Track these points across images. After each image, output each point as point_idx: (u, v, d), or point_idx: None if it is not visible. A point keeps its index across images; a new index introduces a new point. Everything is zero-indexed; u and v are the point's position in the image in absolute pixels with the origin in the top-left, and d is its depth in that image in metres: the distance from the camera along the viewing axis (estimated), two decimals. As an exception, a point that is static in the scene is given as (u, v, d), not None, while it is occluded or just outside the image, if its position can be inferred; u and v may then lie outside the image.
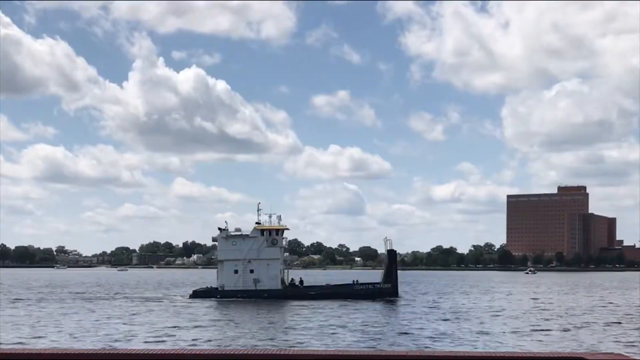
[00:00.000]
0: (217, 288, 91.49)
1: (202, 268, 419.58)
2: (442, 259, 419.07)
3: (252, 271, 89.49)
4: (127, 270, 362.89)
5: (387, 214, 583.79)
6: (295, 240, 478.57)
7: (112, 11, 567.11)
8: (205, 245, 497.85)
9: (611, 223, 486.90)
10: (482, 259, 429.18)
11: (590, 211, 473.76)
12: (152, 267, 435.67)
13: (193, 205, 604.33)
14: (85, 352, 10.47)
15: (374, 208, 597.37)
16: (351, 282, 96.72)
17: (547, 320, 61.15)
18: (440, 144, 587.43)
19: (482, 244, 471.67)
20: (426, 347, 39.60)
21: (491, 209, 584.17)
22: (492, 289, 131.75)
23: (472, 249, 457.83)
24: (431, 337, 46.58)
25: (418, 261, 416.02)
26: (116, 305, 79.69)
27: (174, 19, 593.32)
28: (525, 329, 52.63)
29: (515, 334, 49.31)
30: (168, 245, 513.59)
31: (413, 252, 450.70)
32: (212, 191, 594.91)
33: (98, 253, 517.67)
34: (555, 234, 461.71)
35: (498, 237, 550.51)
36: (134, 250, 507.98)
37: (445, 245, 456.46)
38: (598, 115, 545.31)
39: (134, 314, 66.94)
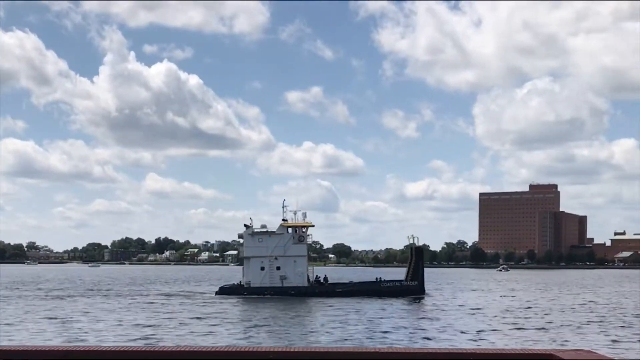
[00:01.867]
0: (242, 285, 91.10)
1: (175, 264, 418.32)
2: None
3: (278, 268, 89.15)
4: (99, 266, 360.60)
5: (360, 211, 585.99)
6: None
7: (82, 4, 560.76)
8: (178, 241, 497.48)
9: (582, 221, 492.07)
10: (454, 256, 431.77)
11: (561, 209, 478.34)
12: (124, 264, 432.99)
13: (165, 201, 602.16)
14: (102, 349, 10.73)
15: (347, 205, 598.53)
16: (375, 280, 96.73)
17: (528, 317, 61.74)
18: (413, 141, 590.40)
19: (454, 242, 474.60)
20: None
21: (463, 206, 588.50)
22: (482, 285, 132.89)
23: (445, 246, 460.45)
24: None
25: (392, 258, 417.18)
26: (148, 302, 79.32)
27: (146, 13, 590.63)
28: (506, 326, 53.08)
29: (496, 332, 49.69)
30: (140, 241, 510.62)
31: (387, 249, 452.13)
32: (184, 187, 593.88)
33: (69, 249, 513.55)
34: (527, 231, 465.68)
35: (470, 235, 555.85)
36: (106, 246, 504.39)
37: (418, 243, 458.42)
38: (569, 114, 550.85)
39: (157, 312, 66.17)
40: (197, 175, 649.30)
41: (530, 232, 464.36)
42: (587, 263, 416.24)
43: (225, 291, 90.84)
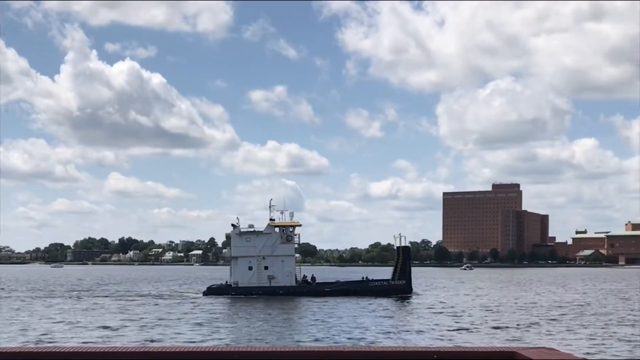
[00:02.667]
0: (230, 284, 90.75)
1: (139, 265, 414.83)
2: (380, 255, 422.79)
3: (266, 268, 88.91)
4: (62, 267, 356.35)
5: (325, 210, 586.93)
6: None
7: (43, 3, 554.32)
8: (141, 241, 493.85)
9: (544, 220, 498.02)
10: (418, 255, 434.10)
11: (523, 208, 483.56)
12: (88, 264, 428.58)
13: (128, 200, 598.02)
14: (83, 350, 10.70)
15: (312, 204, 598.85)
16: (361, 279, 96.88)
17: (497, 315, 62.42)
18: (377, 141, 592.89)
19: (418, 241, 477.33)
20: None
21: (427, 205, 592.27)
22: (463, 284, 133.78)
23: (409, 245, 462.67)
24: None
25: (357, 257, 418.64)
26: (144, 303, 78.54)
27: (107, 11, 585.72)
28: (477, 325, 53.58)
29: (466, 330, 50.15)
30: (103, 241, 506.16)
31: (351, 248, 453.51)
32: (147, 186, 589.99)
33: (31, 249, 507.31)
34: (490, 230, 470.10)
35: (434, 234, 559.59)
36: (69, 247, 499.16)
37: (383, 242, 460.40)
38: (531, 113, 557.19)
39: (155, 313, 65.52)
40: (161, 174, 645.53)
41: (493, 231, 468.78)
42: (549, 262, 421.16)
43: (213, 291, 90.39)
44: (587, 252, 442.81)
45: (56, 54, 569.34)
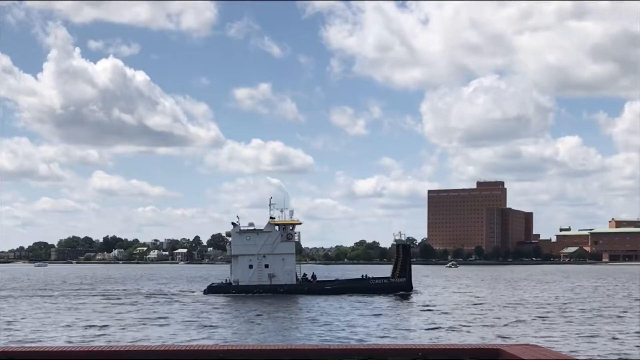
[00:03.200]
0: (231, 283, 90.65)
1: (124, 263, 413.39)
2: (365, 253, 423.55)
3: (267, 266, 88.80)
4: (46, 265, 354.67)
5: (310, 208, 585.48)
6: (219, 234, 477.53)
7: (25, 0, 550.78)
8: (126, 239, 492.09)
9: (528, 217, 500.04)
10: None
11: (508, 206, 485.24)
12: (72, 263, 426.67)
13: (113, 198, 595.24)
14: (82, 349, 10.69)
15: (297, 202, 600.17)
16: (361, 277, 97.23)
17: (485, 313, 62.55)
18: (362, 138, 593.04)
19: (404, 239, 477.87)
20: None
21: (412, 203, 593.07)
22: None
23: (395, 243, 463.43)
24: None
25: (342, 255, 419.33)
26: (149, 303, 77.82)
27: (90, 9, 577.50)
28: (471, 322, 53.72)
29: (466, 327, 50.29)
30: (88, 240, 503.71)
31: (337, 246, 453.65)
32: (132, 184, 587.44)
33: (15, 248, 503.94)
34: (475, 228, 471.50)
35: (419, 232, 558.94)
36: (52, 245, 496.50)
37: (369, 240, 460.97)
38: (515, 111, 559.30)
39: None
40: (145, 172, 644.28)
41: (478, 228, 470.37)
42: (534, 259, 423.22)
43: (213, 290, 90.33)
44: (571, 249, 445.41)
45: (39, 52, 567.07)
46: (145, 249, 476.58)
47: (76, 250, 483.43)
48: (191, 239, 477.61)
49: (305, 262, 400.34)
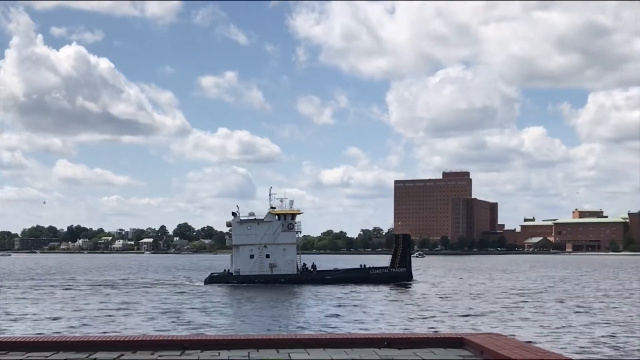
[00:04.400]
0: (231, 273, 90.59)
1: (88, 253, 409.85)
2: (332, 243, 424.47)
3: (268, 256, 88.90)
4: (9, 255, 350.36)
5: (277, 198, 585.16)
6: (186, 224, 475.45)
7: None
8: (91, 229, 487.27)
9: (493, 208, 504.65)
10: (370, 242, 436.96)
11: (473, 196, 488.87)
12: (36, 252, 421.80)
13: (77, 187, 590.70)
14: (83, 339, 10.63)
15: (264, 192, 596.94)
16: (360, 267, 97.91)
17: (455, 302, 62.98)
18: (329, 128, 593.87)
19: (370, 228, 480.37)
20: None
21: (379, 193, 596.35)
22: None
23: (361, 233, 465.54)
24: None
25: (309, 245, 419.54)
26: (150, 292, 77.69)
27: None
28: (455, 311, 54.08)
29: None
30: (52, 229, 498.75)
31: (304, 236, 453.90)
32: (96, 173, 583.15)
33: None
34: (440, 218, 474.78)
35: (386, 222, 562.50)
36: (16, 235, 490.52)
37: (335, 230, 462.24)
38: (481, 102, 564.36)
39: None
40: (110, 161, 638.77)
41: (444, 218, 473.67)
42: (498, 249, 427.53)
43: (214, 280, 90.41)
44: (535, 239, 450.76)
45: (1, 39, 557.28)
46: (110, 238, 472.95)
47: (40, 239, 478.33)
48: (157, 229, 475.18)
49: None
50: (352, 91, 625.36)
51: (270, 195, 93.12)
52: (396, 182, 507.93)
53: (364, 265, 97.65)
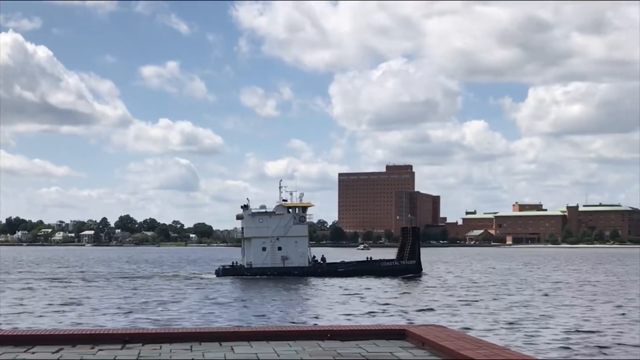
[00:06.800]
0: (242, 265, 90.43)
1: (28, 245, 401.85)
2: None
3: (280, 248, 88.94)
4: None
5: (221, 190, 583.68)
6: (128, 216, 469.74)
7: None
8: (30, 221, 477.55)
9: (435, 201, 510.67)
10: (315, 235, 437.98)
11: (416, 189, 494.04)
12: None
13: (15, 179, 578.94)
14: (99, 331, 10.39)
15: (207, 184, 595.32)
16: (366, 259, 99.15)
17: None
18: (272, 120, 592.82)
19: (315, 221, 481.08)
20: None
21: (323, 186, 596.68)
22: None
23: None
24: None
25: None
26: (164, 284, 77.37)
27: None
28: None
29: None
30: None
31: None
32: (35, 164, 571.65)
33: None
34: (384, 211, 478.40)
35: (330, 214, 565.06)
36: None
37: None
38: (423, 95, 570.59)
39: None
40: (49, 152, 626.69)
41: (387, 211, 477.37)
42: (441, 241, 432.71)
43: (226, 272, 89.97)
44: (477, 232, 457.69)
45: None
46: (50, 230, 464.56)
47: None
48: (98, 221, 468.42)
49: (216, 245, 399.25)
50: (296, 83, 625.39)
51: (280, 187, 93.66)
52: (340, 175, 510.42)
53: (370, 258, 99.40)
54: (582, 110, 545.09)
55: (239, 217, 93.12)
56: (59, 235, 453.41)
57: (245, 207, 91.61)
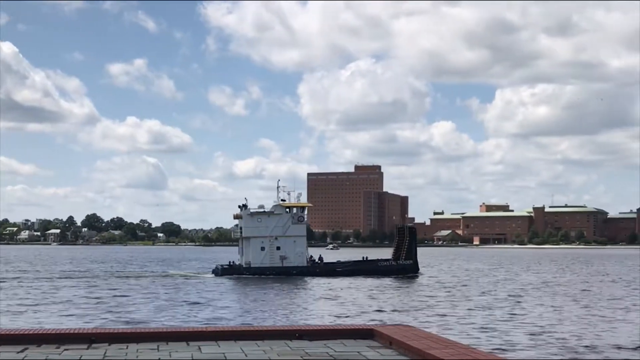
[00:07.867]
0: (240, 265, 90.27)
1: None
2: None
3: (278, 248, 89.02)
4: None
5: (189, 189, 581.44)
6: (94, 215, 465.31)
7: None
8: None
9: (403, 201, 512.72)
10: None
11: (384, 190, 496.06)
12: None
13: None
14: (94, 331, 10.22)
15: (175, 183, 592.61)
16: (362, 259, 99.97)
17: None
18: (241, 118, 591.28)
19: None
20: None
21: (292, 186, 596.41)
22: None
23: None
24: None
25: (222, 237, 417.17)
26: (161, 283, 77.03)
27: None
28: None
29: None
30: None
31: (217, 228, 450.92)
32: (0, 162, 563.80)
33: None
34: (353, 211, 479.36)
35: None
36: None
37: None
38: (391, 95, 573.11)
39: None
40: (14, 149, 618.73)
41: (356, 211, 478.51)
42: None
43: (225, 272, 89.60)
44: (444, 232, 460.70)
45: None
46: (15, 229, 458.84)
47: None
48: (64, 219, 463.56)
49: (184, 244, 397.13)
50: (265, 82, 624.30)
51: (278, 187, 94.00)
52: (309, 174, 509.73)
53: (366, 258, 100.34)
54: (548, 112, 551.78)
55: (236, 217, 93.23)
56: (24, 234, 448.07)
57: (243, 206, 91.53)
